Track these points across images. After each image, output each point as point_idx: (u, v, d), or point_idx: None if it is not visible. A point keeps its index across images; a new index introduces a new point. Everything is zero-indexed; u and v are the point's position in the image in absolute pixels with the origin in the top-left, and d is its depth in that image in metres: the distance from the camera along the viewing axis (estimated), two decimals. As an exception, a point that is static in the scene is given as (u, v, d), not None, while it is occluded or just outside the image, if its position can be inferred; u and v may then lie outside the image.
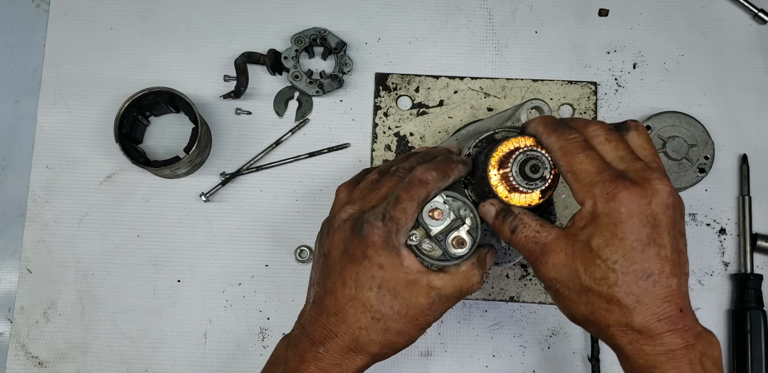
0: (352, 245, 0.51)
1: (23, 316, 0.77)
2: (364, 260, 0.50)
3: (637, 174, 0.47)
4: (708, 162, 0.77)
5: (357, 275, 0.50)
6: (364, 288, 0.50)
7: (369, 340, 0.51)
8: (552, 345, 0.76)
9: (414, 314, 0.51)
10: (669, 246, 0.46)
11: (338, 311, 0.51)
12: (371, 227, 0.51)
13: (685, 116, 0.78)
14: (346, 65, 0.81)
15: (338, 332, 0.51)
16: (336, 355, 0.51)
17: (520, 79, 0.82)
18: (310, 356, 0.51)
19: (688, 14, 0.84)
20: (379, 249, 0.50)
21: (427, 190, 0.52)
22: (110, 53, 0.83)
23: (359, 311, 0.50)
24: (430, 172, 0.53)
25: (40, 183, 0.80)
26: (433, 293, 0.52)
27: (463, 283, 0.54)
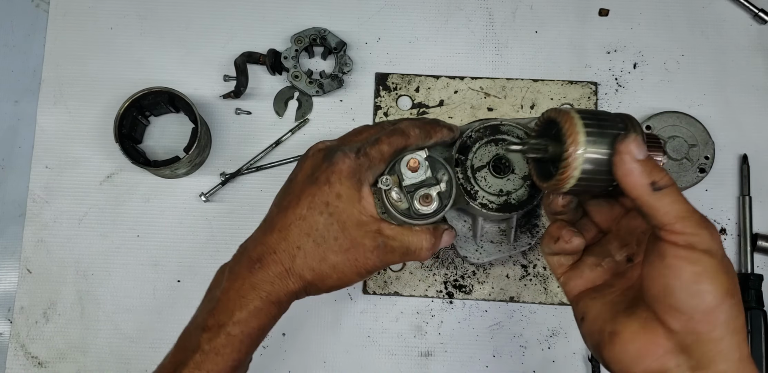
0: (319, 169, 0.52)
1: (23, 316, 0.76)
2: (324, 185, 0.51)
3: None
4: (708, 162, 0.77)
5: (313, 197, 0.51)
6: (315, 211, 0.50)
7: (304, 263, 0.50)
8: (552, 345, 0.76)
9: (355, 253, 0.51)
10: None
11: (283, 228, 0.51)
12: (343, 155, 0.51)
13: (686, 116, 0.78)
14: (346, 65, 0.81)
15: (277, 249, 0.51)
16: (269, 272, 0.51)
17: (520, 79, 0.82)
18: (245, 272, 0.51)
19: (689, 14, 0.84)
20: (343, 178, 0.51)
21: (406, 141, 0.53)
22: (110, 53, 0.83)
23: (304, 231, 0.50)
24: (413, 127, 0.54)
25: (40, 183, 0.79)
26: (380, 238, 0.52)
27: (411, 242, 0.53)
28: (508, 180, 0.58)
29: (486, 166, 0.59)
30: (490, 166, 0.59)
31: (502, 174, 0.58)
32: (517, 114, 0.81)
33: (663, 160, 0.45)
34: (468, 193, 0.59)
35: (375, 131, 0.56)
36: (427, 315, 0.77)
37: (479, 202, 0.59)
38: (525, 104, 0.81)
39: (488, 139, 0.59)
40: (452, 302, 0.77)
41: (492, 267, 0.77)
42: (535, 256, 0.78)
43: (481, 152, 0.59)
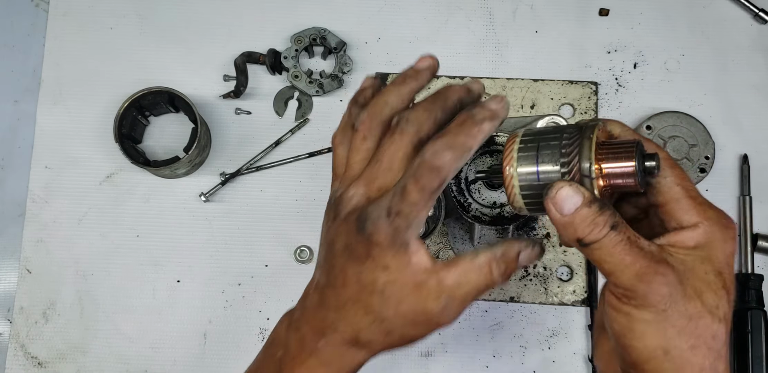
0: (356, 240, 0.45)
1: (23, 316, 0.76)
2: (367, 260, 0.44)
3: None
4: (708, 162, 0.77)
5: (359, 275, 0.45)
6: (365, 291, 0.45)
7: (370, 340, 0.47)
8: (552, 346, 0.76)
9: (423, 320, 0.46)
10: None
11: (339, 307, 0.46)
12: (374, 225, 0.44)
13: (686, 116, 0.78)
14: (346, 65, 0.81)
15: (338, 328, 0.46)
16: (337, 349, 0.47)
17: (520, 79, 0.81)
18: (311, 347, 0.47)
19: (689, 14, 0.84)
20: (384, 249, 0.44)
21: (440, 178, 0.42)
22: (110, 53, 0.83)
23: (360, 313, 0.46)
24: (444, 153, 0.42)
25: (40, 183, 0.79)
26: (444, 295, 0.45)
27: (479, 279, 0.45)
28: (502, 192, 0.57)
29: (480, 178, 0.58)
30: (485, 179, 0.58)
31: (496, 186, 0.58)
32: (517, 114, 0.81)
33: (631, 167, 0.40)
34: (461, 205, 0.58)
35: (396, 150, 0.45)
36: (427, 315, 0.77)
37: (472, 215, 0.58)
38: (525, 104, 0.81)
39: (483, 151, 0.58)
40: (452, 302, 0.77)
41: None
42: (535, 256, 0.78)
43: (475, 164, 0.59)
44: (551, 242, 0.78)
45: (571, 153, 0.40)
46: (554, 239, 0.78)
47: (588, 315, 0.76)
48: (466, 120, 0.43)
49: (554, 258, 0.77)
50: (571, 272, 0.77)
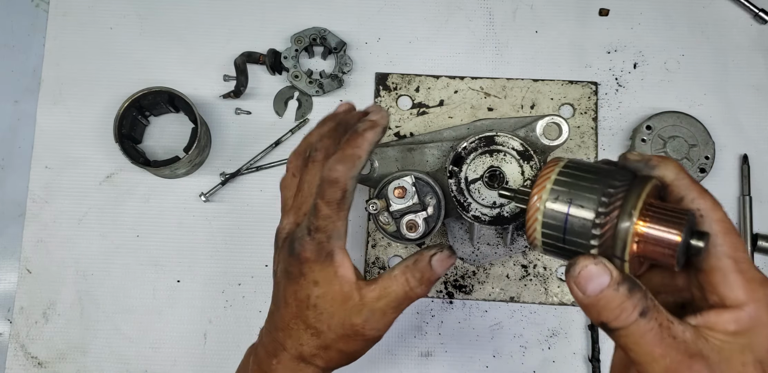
0: (290, 263, 0.50)
1: (23, 316, 0.76)
2: (300, 278, 0.49)
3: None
4: (708, 162, 0.77)
5: (296, 294, 0.50)
6: (302, 307, 0.50)
7: (312, 355, 0.51)
8: (552, 346, 0.76)
9: (351, 333, 0.49)
10: None
11: (284, 327, 0.51)
12: (300, 243, 0.49)
13: (686, 116, 0.78)
14: (346, 65, 0.81)
15: (286, 346, 0.51)
16: (288, 365, 0.52)
17: (520, 79, 0.82)
18: (266, 367, 0.52)
19: (689, 14, 0.84)
20: (312, 264, 0.49)
21: (340, 187, 0.47)
22: (110, 53, 0.83)
23: (301, 328, 0.50)
24: (336, 166, 0.47)
25: (40, 183, 0.79)
26: (365, 310, 0.49)
27: (398, 290, 0.49)
28: None
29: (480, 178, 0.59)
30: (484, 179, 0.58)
31: (496, 186, 0.58)
32: (517, 114, 0.81)
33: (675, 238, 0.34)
34: (461, 205, 0.58)
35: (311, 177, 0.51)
36: (427, 315, 0.77)
37: (472, 214, 0.58)
38: (525, 104, 0.81)
39: (483, 151, 0.59)
40: (452, 302, 0.77)
41: (492, 267, 0.77)
42: (535, 256, 0.78)
43: (475, 164, 0.59)
44: (551, 242, 0.78)
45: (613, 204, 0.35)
46: (554, 239, 0.78)
47: (588, 315, 0.76)
48: (351, 134, 0.49)
49: (554, 258, 0.77)
50: (571, 272, 0.77)
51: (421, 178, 0.57)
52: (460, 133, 0.65)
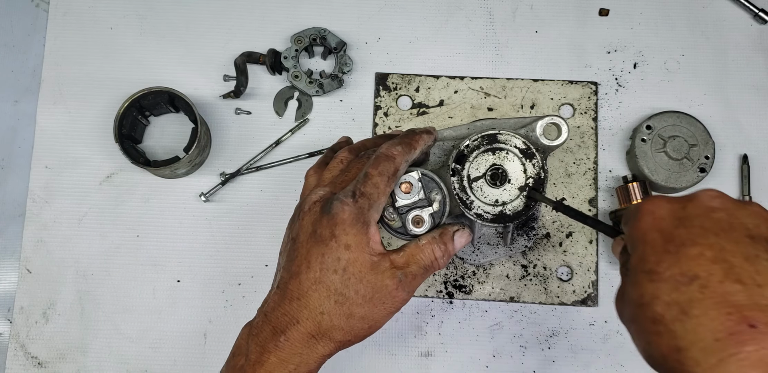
0: (321, 224, 0.49)
1: (23, 316, 0.76)
2: (331, 241, 0.49)
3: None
4: (708, 162, 0.77)
5: (323, 256, 0.49)
6: (329, 271, 0.48)
7: (332, 326, 0.49)
8: (552, 345, 0.76)
9: (380, 297, 0.50)
10: (722, 247, 0.38)
11: (301, 295, 0.49)
12: (341, 204, 0.49)
13: (686, 116, 0.78)
14: (346, 65, 0.81)
15: (300, 318, 0.49)
16: (297, 343, 0.49)
17: (520, 79, 0.82)
18: (271, 346, 0.49)
19: (689, 14, 0.84)
20: (347, 227, 0.49)
21: (395, 164, 0.52)
22: (110, 53, 0.83)
23: (323, 295, 0.48)
24: (395, 147, 0.53)
25: (40, 183, 0.79)
26: (399, 272, 0.50)
27: (424, 258, 0.52)
28: (504, 190, 0.58)
29: (482, 176, 0.59)
30: (487, 177, 0.58)
31: (498, 184, 0.58)
32: (517, 114, 0.81)
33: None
34: (464, 203, 0.58)
35: (361, 165, 0.55)
36: (427, 315, 0.77)
37: (474, 212, 0.58)
38: (525, 104, 0.81)
39: (485, 149, 0.59)
40: (452, 302, 0.77)
41: (492, 267, 0.77)
42: (535, 256, 0.78)
43: (477, 162, 0.59)
44: (551, 242, 0.78)
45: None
46: (554, 239, 0.78)
47: (587, 314, 0.76)
48: (407, 132, 0.56)
49: (554, 258, 0.77)
50: (571, 272, 0.77)
51: (427, 174, 0.57)
52: (460, 133, 0.65)
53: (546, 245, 0.78)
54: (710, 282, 0.36)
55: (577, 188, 0.79)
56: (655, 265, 0.39)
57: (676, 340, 0.36)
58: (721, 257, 0.37)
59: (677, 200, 0.42)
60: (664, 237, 0.40)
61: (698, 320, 0.36)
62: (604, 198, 0.79)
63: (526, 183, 0.58)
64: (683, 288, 0.37)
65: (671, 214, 0.41)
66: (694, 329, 0.36)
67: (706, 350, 0.35)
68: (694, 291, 0.36)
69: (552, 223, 0.78)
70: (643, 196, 0.74)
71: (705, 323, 0.35)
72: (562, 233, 0.78)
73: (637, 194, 0.74)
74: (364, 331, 0.51)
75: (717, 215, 0.40)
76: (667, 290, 0.37)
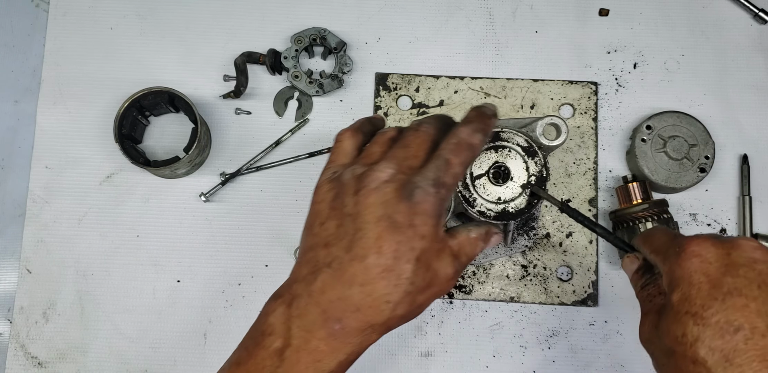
0: (398, 210, 0.45)
1: (23, 316, 0.76)
2: (408, 229, 0.45)
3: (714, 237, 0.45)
4: (708, 162, 0.77)
5: (398, 244, 0.44)
6: (401, 260, 0.44)
7: (394, 315, 0.45)
8: (552, 346, 0.76)
9: (439, 284, 0.47)
10: (762, 300, 0.41)
11: (367, 282, 0.44)
12: (424, 193, 0.45)
13: (686, 116, 0.78)
14: (346, 65, 0.81)
15: (362, 306, 0.44)
16: (353, 332, 0.44)
17: (520, 79, 0.82)
18: (322, 333, 0.44)
19: (689, 14, 0.84)
20: (428, 218, 0.45)
21: (474, 154, 0.49)
22: (110, 53, 0.83)
23: (392, 283, 0.44)
24: (476, 134, 0.49)
25: (40, 183, 0.79)
26: (456, 261, 0.48)
27: (472, 250, 0.50)
28: (507, 188, 0.58)
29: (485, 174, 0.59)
30: (490, 174, 0.59)
31: (501, 182, 0.58)
32: (517, 114, 0.81)
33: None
34: (467, 200, 0.58)
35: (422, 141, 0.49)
36: (427, 315, 0.77)
37: (477, 209, 0.58)
38: (525, 104, 0.81)
39: (488, 147, 0.59)
40: (452, 302, 0.77)
41: (492, 267, 0.77)
42: (535, 256, 0.78)
43: (480, 159, 0.59)
44: (551, 242, 0.78)
45: None
46: (554, 239, 0.78)
47: (587, 314, 0.76)
48: (479, 113, 0.51)
49: (554, 258, 0.77)
50: (571, 272, 0.77)
51: None
52: None
53: (546, 245, 0.78)
54: (755, 334, 0.39)
55: (577, 188, 0.79)
56: (701, 309, 0.41)
57: None
58: (765, 311, 0.40)
59: (721, 244, 0.43)
60: (711, 283, 0.42)
61: (741, 368, 0.39)
62: (604, 198, 0.79)
63: (529, 181, 0.58)
64: (728, 337, 0.40)
65: (717, 259, 0.43)
66: None
67: None
68: (738, 341, 0.39)
69: (552, 223, 0.78)
70: (643, 196, 0.74)
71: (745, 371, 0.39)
72: (562, 233, 0.78)
73: (637, 194, 0.74)
74: (412, 318, 0.49)
75: (760, 267, 0.42)
76: (712, 335, 0.40)
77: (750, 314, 0.40)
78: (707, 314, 0.41)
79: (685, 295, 0.42)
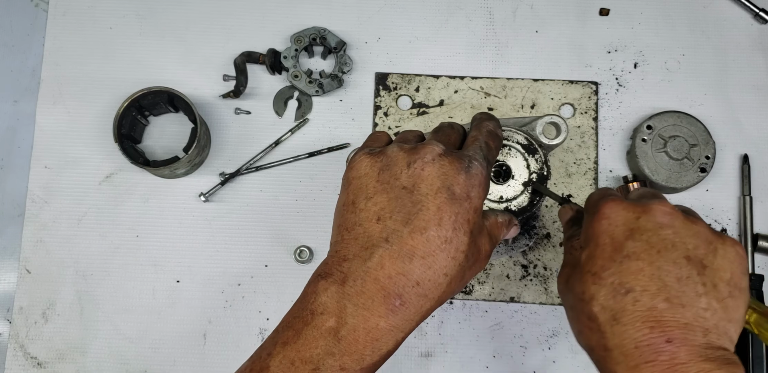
0: (457, 182, 0.45)
1: (22, 316, 0.76)
2: (465, 201, 0.45)
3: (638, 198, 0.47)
4: (709, 162, 0.77)
5: (456, 216, 0.44)
6: (460, 231, 0.44)
7: (449, 290, 0.44)
8: (552, 346, 0.76)
9: (481, 261, 0.47)
10: (660, 266, 0.42)
11: (428, 254, 0.43)
12: (480, 166, 0.46)
13: (686, 116, 0.78)
14: (346, 65, 0.80)
15: (422, 280, 0.43)
16: (412, 308, 0.43)
17: (520, 79, 0.81)
18: (382, 310, 0.42)
19: (689, 14, 0.84)
20: (482, 190, 0.46)
21: (500, 145, 0.53)
22: (109, 53, 0.82)
23: (450, 255, 0.44)
24: (498, 129, 0.53)
25: (39, 183, 0.79)
26: (488, 239, 0.49)
27: (498, 233, 0.51)
28: (509, 186, 0.58)
29: None
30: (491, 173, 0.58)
31: (502, 180, 0.58)
32: (517, 114, 0.81)
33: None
34: None
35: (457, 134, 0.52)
36: (427, 315, 0.77)
37: None
38: (525, 104, 0.81)
39: None
40: (452, 302, 0.77)
41: (492, 267, 0.77)
42: (535, 256, 0.77)
43: None
44: (551, 242, 0.78)
45: None
46: (554, 239, 0.78)
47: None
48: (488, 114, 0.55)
49: (554, 258, 0.77)
50: (572, 272, 0.77)
51: None
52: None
53: (546, 245, 0.78)
54: (642, 297, 0.42)
55: (577, 188, 0.79)
56: (600, 269, 0.44)
57: (605, 340, 0.42)
58: (657, 275, 0.42)
59: (633, 208, 0.45)
60: (613, 245, 0.44)
61: (625, 328, 0.41)
62: (604, 198, 0.79)
63: (530, 178, 0.58)
64: (619, 297, 0.42)
65: (625, 223, 0.44)
66: (621, 334, 0.41)
67: (627, 354, 0.41)
68: (627, 302, 0.42)
69: (552, 223, 0.78)
70: None
71: (630, 332, 0.41)
72: (562, 232, 0.78)
73: None
74: (453, 295, 0.50)
75: (664, 233, 0.44)
76: (605, 295, 0.43)
77: (643, 278, 0.42)
78: (605, 275, 0.43)
79: (591, 254, 0.44)
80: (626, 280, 0.42)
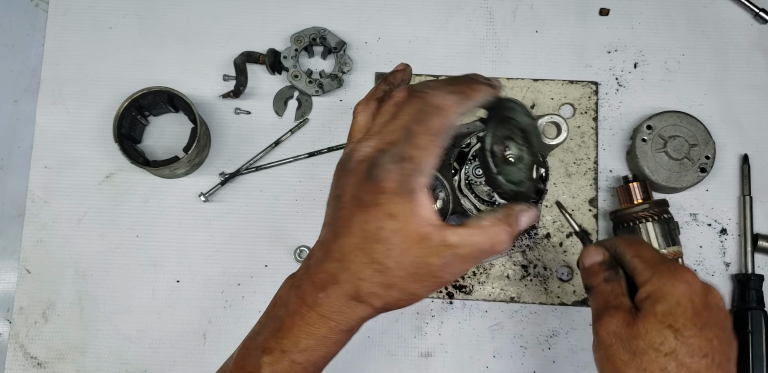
0: (364, 189, 0.45)
1: (22, 316, 0.76)
2: (373, 208, 0.44)
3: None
4: (709, 162, 0.77)
5: (365, 224, 0.44)
6: (369, 239, 0.44)
7: (370, 293, 0.46)
8: (552, 346, 0.76)
9: (424, 273, 0.46)
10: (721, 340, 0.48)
11: (341, 257, 0.46)
12: (384, 170, 0.44)
13: (686, 116, 0.78)
14: (346, 65, 0.80)
15: (340, 279, 0.46)
16: (336, 302, 0.46)
17: (520, 79, 0.81)
18: (311, 300, 0.47)
19: (689, 14, 0.84)
20: (391, 196, 0.44)
21: (443, 118, 0.45)
22: (109, 53, 0.82)
23: (363, 261, 0.45)
24: (446, 95, 0.46)
25: (39, 183, 0.79)
26: (448, 252, 0.45)
27: (484, 241, 0.46)
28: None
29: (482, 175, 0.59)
30: None
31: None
32: (517, 114, 0.80)
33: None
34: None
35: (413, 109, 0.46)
36: (427, 315, 0.77)
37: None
38: (525, 104, 0.81)
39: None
40: (452, 302, 0.77)
41: (492, 267, 0.77)
42: (535, 256, 0.77)
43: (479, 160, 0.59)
44: (551, 242, 0.78)
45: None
46: (554, 239, 0.78)
47: (588, 314, 0.76)
48: (466, 78, 0.49)
49: (554, 258, 0.77)
50: (571, 272, 0.77)
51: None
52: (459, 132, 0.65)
53: (546, 245, 0.78)
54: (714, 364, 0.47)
55: (577, 188, 0.79)
56: (682, 327, 0.47)
57: None
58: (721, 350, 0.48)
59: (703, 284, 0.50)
60: (694, 310, 0.48)
61: None
62: (604, 198, 0.79)
63: None
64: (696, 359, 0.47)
65: (701, 294, 0.49)
66: None
67: None
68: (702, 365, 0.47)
69: (552, 223, 0.78)
70: (643, 196, 0.74)
71: None
72: (562, 233, 0.78)
73: (637, 194, 0.74)
74: (404, 302, 0.48)
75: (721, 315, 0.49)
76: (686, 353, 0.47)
77: (714, 347, 0.47)
78: (687, 334, 0.47)
79: (671, 311, 0.47)
80: (704, 345, 0.47)
